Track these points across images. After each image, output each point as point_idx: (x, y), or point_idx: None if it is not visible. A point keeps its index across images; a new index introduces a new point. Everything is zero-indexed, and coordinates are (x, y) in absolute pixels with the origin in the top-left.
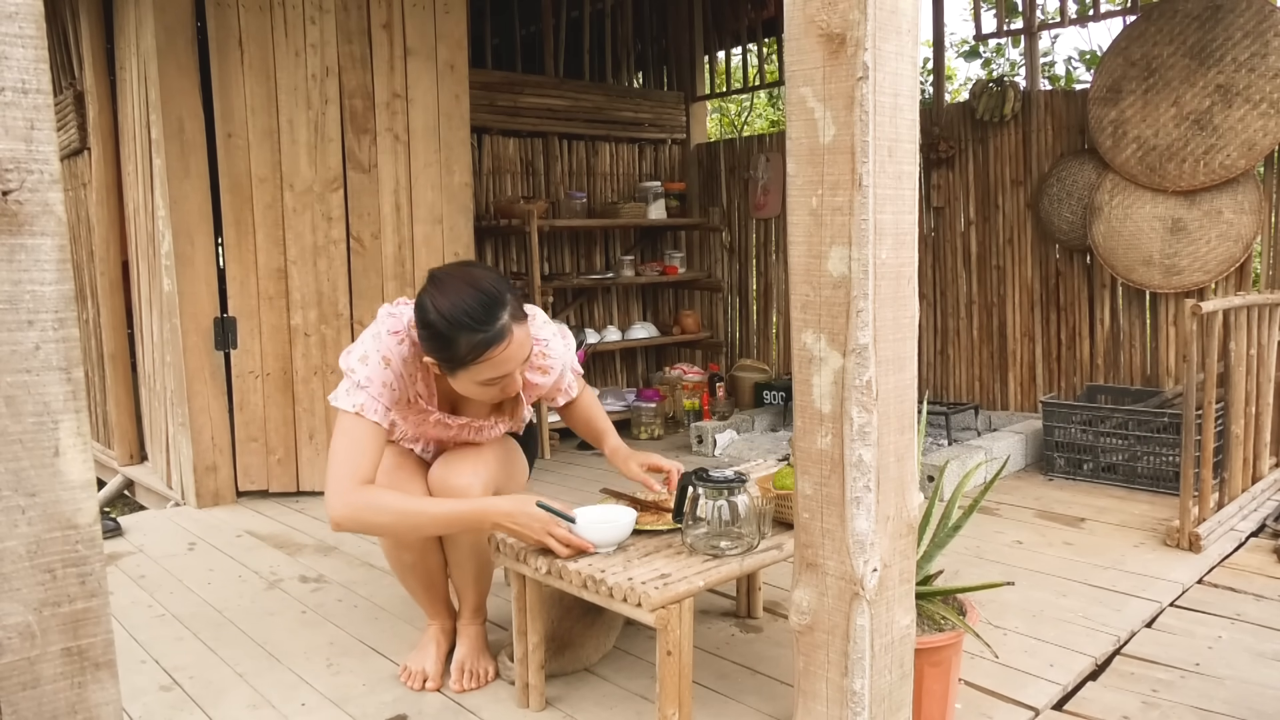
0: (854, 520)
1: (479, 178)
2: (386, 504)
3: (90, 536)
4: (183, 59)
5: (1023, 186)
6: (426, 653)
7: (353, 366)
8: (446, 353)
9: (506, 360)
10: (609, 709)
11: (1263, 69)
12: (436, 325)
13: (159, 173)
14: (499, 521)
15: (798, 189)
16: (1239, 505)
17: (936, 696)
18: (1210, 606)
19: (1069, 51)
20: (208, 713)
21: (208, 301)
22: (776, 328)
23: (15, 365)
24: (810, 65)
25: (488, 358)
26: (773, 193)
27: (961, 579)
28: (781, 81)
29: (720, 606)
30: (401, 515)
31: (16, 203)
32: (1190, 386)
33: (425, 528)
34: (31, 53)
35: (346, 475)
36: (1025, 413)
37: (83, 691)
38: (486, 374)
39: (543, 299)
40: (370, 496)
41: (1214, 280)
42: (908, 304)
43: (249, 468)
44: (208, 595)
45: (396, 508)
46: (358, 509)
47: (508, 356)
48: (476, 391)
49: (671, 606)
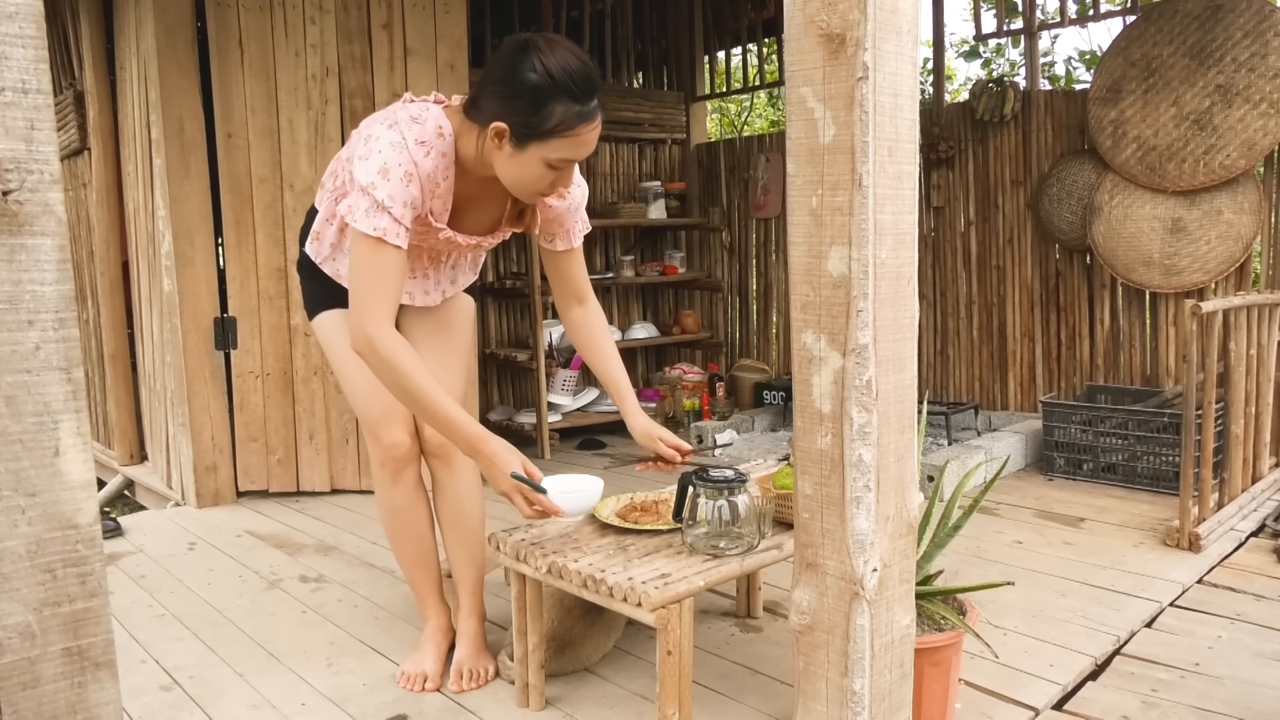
0: (854, 520)
1: None
2: (408, 370)
3: (90, 536)
4: (183, 59)
5: (1023, 186)
6: (426, 653)
7: (373, 181)
8: (535, 116)
9: (585, 144)
10: (609, 709)
11: (1263, 69)
12: (536, 84)
13: (159, 173)
14: (487, 457)
15: (798, 189)
16: (1239, 505)
17: (936, 696)
18: (1210, 606)
19: (1069, 51)
20: (208, 713)
21: (208, 301)
22: (776, 328)
23: (15, 365)
24: (810, 65)
25: (576, 133)
26: (773, 193)
27: (961, 579)
28: (781, 81)
29: (720, 606)
30: (414, 390)
31: (16, 203)
32: (1190, 386)
33: (424, 411)
34: (31, 53)
35: (380, 309)
36: (1025, 413)
37: (83, 691)
38: (561, 152)
39: (543, 299)
40: (399, 354)
41: (1214, 280)
42: (908, 304)
43: (249, 468)
44: (208, 595)
45: (414, 383)
46: (384, 356)
47: (588, 140)
48: (532, 176)
49: (671, 606)
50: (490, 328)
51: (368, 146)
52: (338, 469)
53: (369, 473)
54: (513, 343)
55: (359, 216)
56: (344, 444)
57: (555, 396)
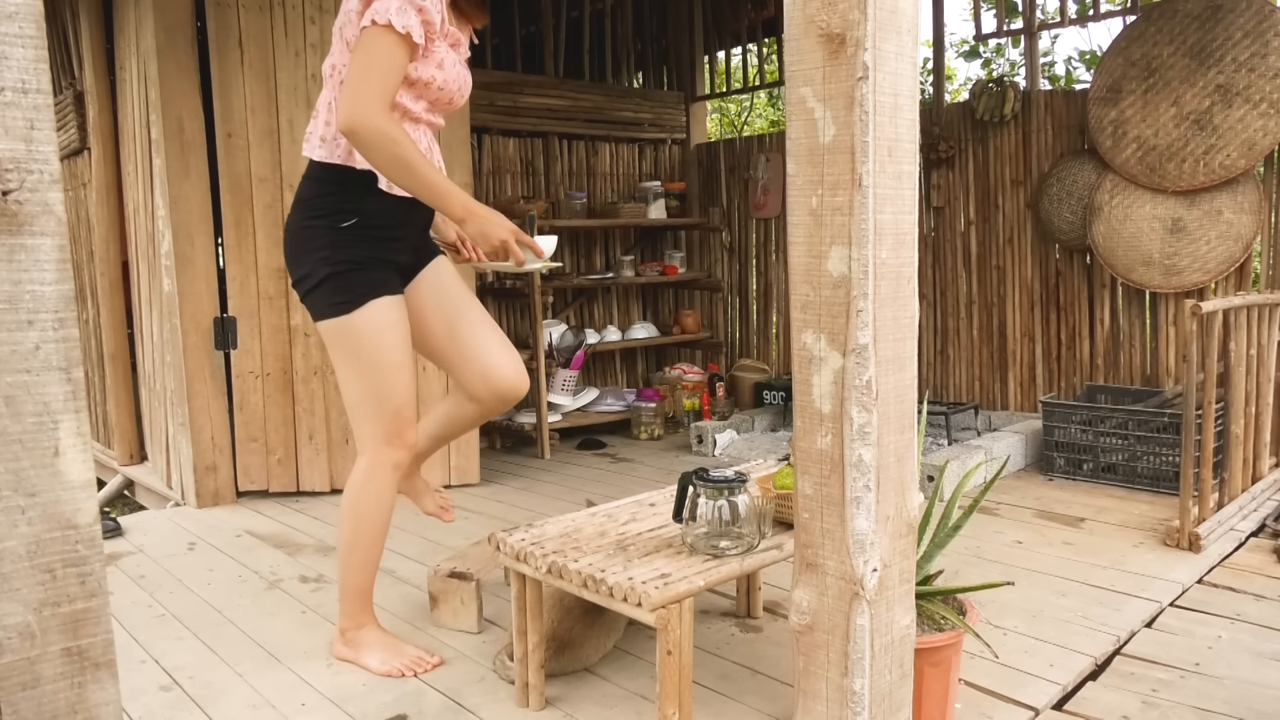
0: (854, 520)
1: (479, 178)
2: (403, 144)
3: (90, 536)
4: (183, 59)
5: (1023, 186)
6: (395, 646)
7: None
8: None
9: None
10: (609, 709)
11: (1263, 69)
12: None
13: (159, 173)
14: (482, 217)
15: (798, 189)
16: (1239, 505)
17: (936, 696)
18: (1210, 606)
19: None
20: (208, 713)
21: (208, 301)
22: (776, 328)
23: (15, 365)
24: (810, 65)
25: None
26: (773, 193)
27: (961, 579)
28: (781, 81)
29: (720, 606)
30: (414, 162)
31: (16, 203)
32: (1190, 386)
33: (421, 181)
34: (31, 53)
35: (381, 94)
36: (1025, 413)
37: (83, 691)
38: None
39: (542, 299)
40: (396, 131)
41: (1214, 280)
42: (908, 304)
43: (249, 468)
44: (208, 595)
45: (415, 156)
46: (387, 131)
47: None
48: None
49: (672, 606)
50: None
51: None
52: (338, 469)
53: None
54: (512, 343)
55: (392, 11)
56: (344, 444)
57: (555, 396)
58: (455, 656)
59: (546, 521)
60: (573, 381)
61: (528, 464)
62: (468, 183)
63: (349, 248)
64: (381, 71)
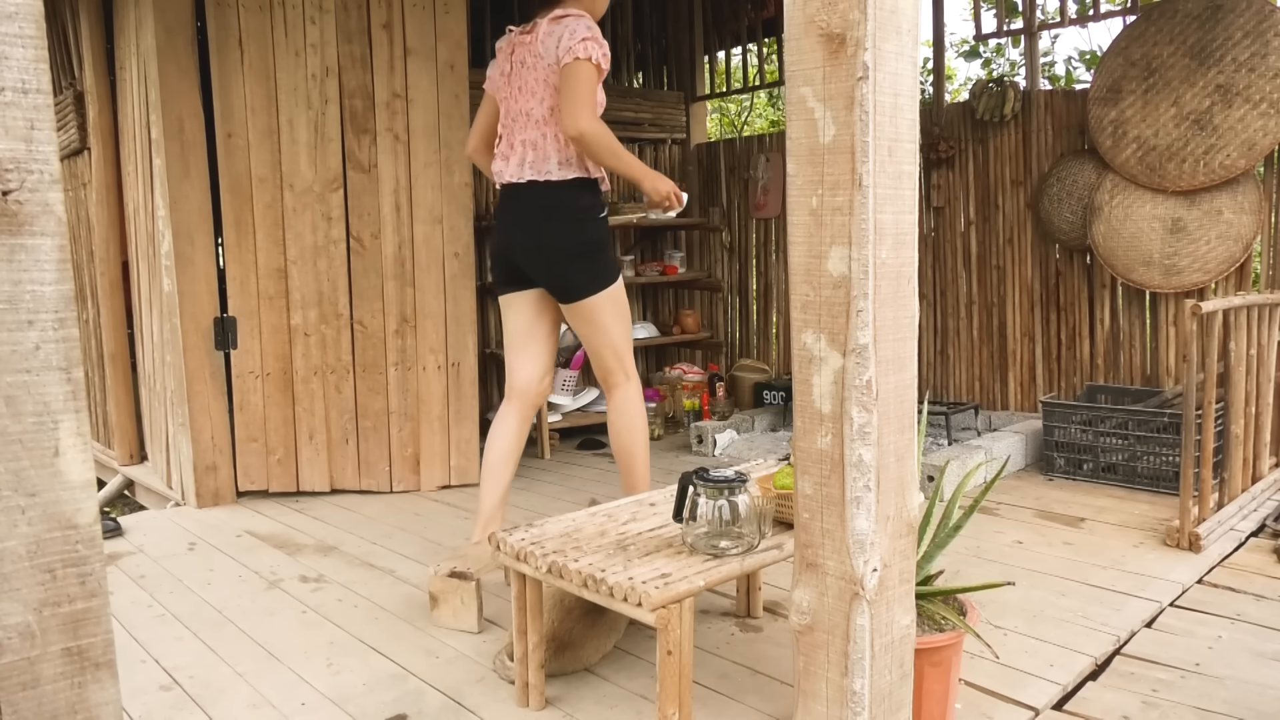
0: (854, 520)
1: (479, 178)
2: (613, 135)
3: (90, 536)
4: (183, 59)
5: (1023, 186)
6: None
7: (594, 33)
8: None
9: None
10: (609, 708)
11: (1263, 69)
12: None
13: (159, 173)
14: (654, 177)
15: (798, 189)
16: (1239, 505)
17: (936, 696)
18: (1210, 606)
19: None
20: (208, 712)
21: (208, 301)
22: (776, 328)
23: (15, 365)
24: (810, 65)
25: None
26: (773, 193)
27: (962, 579)
28: (781, 81)
29: (720, 606)
30: (617, 149)
31: (16, 203)
32: (1190, 386)
33: (621, 161)
34: (31, 53)
35: (594, 107)
36: (1025, 413)
37: (83, 691)
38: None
39: None
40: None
41: (1214, 280)
42: (908, 304)
43: (249, 468)
44: (208, 595)
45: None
46: (601, 132)
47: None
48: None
49: (672, 606)
50: (490, 328)
51: (572, 30)
52: (337, 469)
53: (369, 473)
54: None
55: (594, 52)
56: (344, 444)
57: (555, 396)
58: (455, 656)
59: (547, 521)
60: (573, 381)
61: (528, 464)
62: (468, 183)
63: (606, 232)
64: (590, 93)
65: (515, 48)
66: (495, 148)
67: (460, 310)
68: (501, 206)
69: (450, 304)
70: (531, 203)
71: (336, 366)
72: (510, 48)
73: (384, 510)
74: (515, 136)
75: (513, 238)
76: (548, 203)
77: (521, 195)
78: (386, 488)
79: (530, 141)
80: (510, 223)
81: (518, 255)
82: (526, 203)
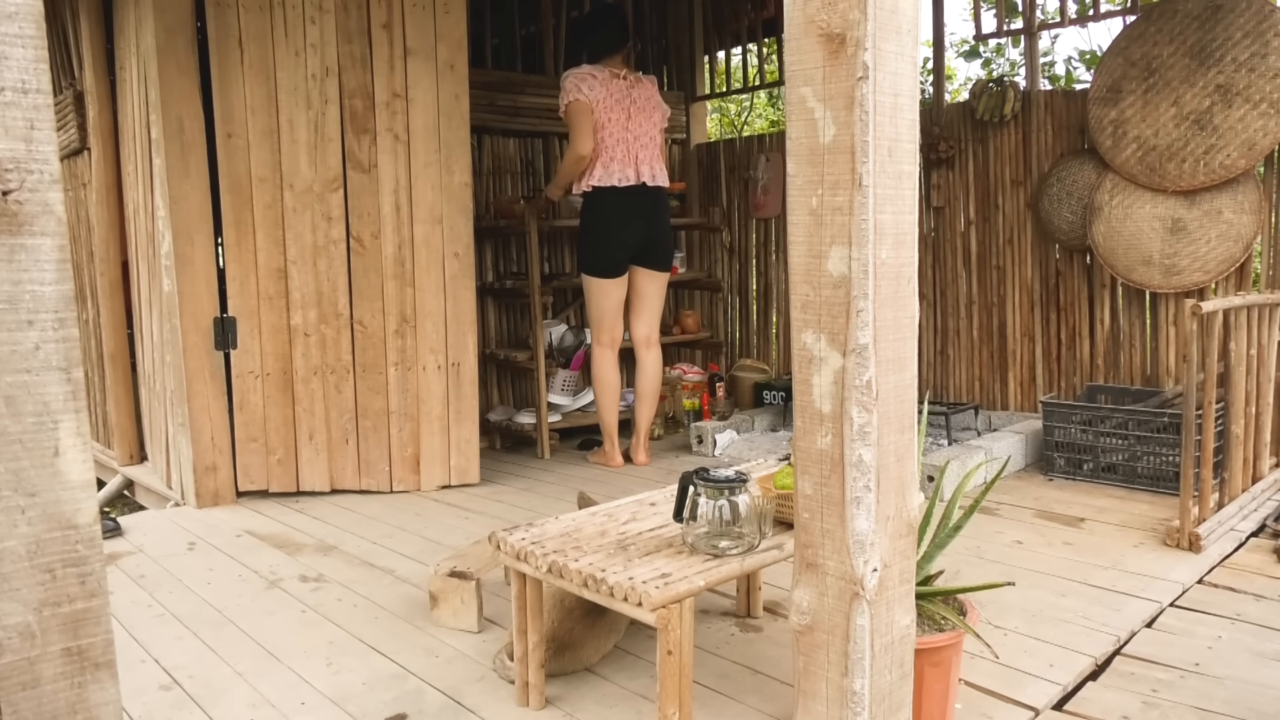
0: (854, 520)
1: (479, 178)
2: None
3: (90, 536)
4: (183, 59)
5: (1023, 186)
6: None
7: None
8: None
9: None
10: (609, 708)
11: (1263, 69)
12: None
13: (159, 173)
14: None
15: (798, 189)
16: (1239, 505)
17: (936, 696)
18: (1210, 606)
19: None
20: (208, 712)
21: (208, 301)
22: (776, 328)
23: (15, 365)
24: (810, 65)
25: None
26: (773, 193)
27: (962, 579)
28: (781, 81)
29: (720, 606)
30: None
31: (16, 203)
32: (1190, 386)
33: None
34: (31, 53)
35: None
36: (1025, 413)
37: (83, 691)
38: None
39: (542, 299)
40: None
41: (1214, 280)
42: (908, 304)
43: (249, 468)
44: (208, 595)
45: None
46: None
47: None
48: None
49: (672, 606)
50: (490, 328)
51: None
52: (337, 469)
53: (368, 473)
54: (512, 343)
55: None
56: (344, 444)
57: (555, 397)
58: (455, 656)
59: (547, 521)
60: (573, 382)
61: (528, 464)
62: (468, 182)
63: None
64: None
65: (632, 85)
66: (603, 154)
67: (460, 310)
68: (622, 203)
69: (450, 304)
70: (660, 200)
71: (336, 366)
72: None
73: (384, 510)
74: (642, 152)
75: (646, 223)
76: (666, 200)
77: (648, 194)
78: (386, 488)
79: (651, 158)
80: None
81: (653, 232)
82: (658, 199)
